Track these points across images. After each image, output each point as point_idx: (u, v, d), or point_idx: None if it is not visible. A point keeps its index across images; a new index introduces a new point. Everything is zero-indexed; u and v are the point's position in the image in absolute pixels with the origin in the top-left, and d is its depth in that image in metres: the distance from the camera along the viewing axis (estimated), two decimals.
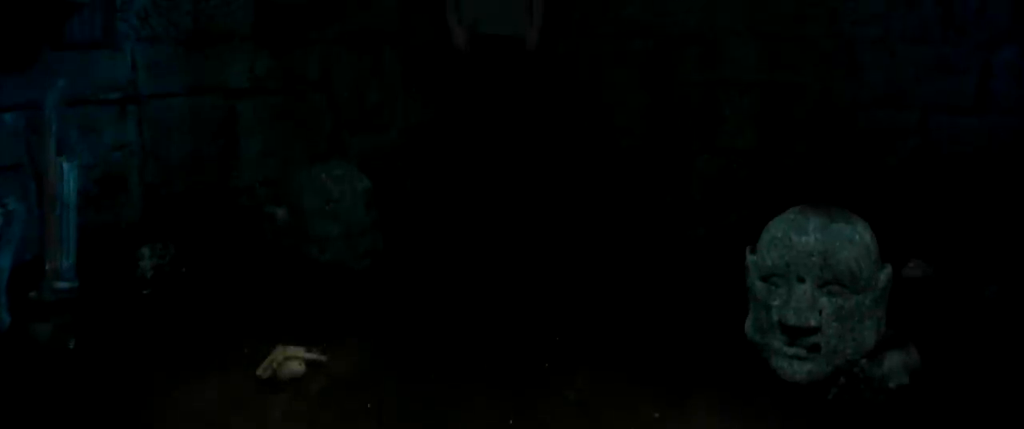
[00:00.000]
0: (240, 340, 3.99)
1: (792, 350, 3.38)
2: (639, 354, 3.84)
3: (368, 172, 5.50)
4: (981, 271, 4.70)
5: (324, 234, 4.91)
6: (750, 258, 3.58)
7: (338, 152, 5.52)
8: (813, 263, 3.37)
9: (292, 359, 3.63)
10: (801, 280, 3.38)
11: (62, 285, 4.40)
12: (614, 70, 5.71)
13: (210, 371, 3.68)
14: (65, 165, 4.36)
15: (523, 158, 5.65)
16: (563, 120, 5.78)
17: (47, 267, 4.41)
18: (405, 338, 4.08)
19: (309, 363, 3.63)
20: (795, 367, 3.37)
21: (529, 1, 5.61)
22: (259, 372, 3.53)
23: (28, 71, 4.64)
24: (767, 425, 3.23)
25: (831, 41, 5.38)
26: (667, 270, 4.99)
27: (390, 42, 5.62)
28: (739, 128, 5.63)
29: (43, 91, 4.57)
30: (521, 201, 5.59)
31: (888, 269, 3.51)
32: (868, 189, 5.38)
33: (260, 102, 5.30)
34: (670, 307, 4.42)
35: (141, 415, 3.32)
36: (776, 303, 3.42)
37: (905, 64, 5.23)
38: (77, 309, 4.18)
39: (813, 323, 3.35)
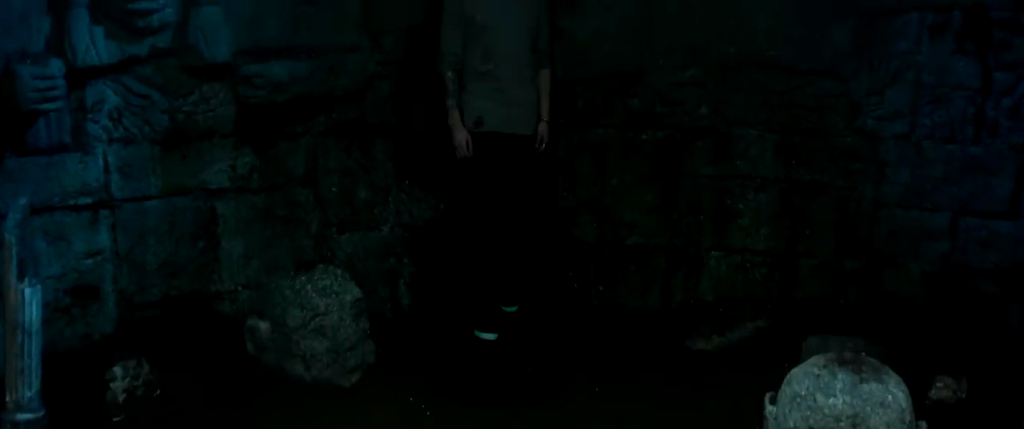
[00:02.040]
0: None
1: None
2: None
3: (358, 274, 5.21)
4: (1018, 395, 4.38)
5: (310, 351, 4.62)
6: (769, 409, 3.26)
7: (326, 252, 5.22)
8: None
9: None
10: None
11: (24, 417, 4.11)
12: (621, 162, 5.36)
13: None
14: (27, 291, 4.05)
15: (525, 257, 5.30)
16: (566, 215, 5.45)
17: (8, 399, 4.11)
18: None
19: None
20: None
21: (537, 97, 5.21)
22: None
23: None
24: None
25: (853, 136, 5.04)
26: (679, 387, 4.69)
27: (382, 134, 5.28)
28: (754, 226, 5.29)
29: (4, 201, 4.31)
30: (522, 303, 5.25)
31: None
32: (894, 294, 5.07)
33: (242, 201, 4.99)
34: None
35: None
36: None
37: (933, 163, 4.89)
38: None
39: None
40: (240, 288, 5.04)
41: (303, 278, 4.67)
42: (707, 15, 5.13)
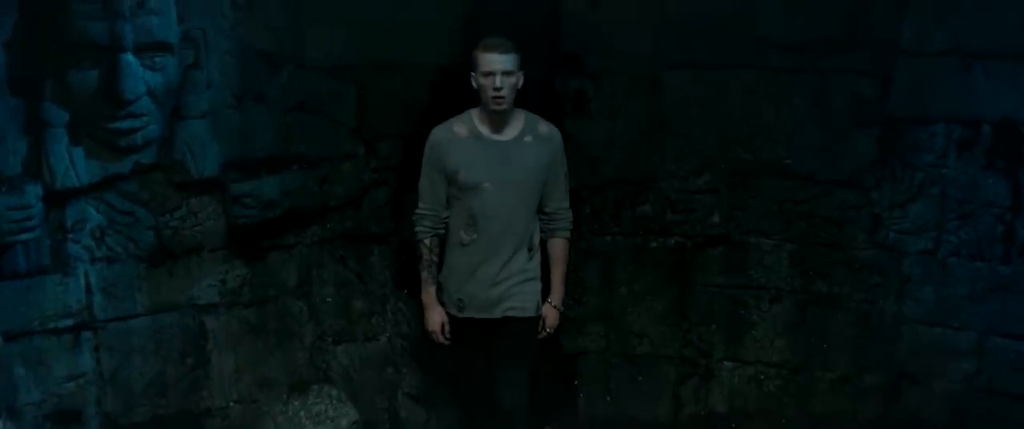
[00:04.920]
0: None
1: None
2: None
3: (354, 386, 5.00)
4: None
5: None
6: None
7: (321, 365, 4.97)
8: None
9: None
10: None
11: None
12: (630, 270, 5.09)
13: None
14: None
15: (529, 367, 5.03)
16: (573, 324, 5.16)
17: None
18: None
19: None
20: None
21: (537, 273, 4.36)
22: None
23: None
24: None
25: (874, 250, 4.78)
26: None
27: (379, 241, 5.03)
28: (769, 337, 5.03)
29: None
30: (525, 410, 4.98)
31: None
32: (915, 413, 4.82)
33: (233, 316, 4.75)
34: None
35: None
36: None
37: (959, 281, 4.62)
38: None
39: None
40: (232, 404, 4.80)
41: (297, 403, 4.49)
42: (722, 121, 4.87)
